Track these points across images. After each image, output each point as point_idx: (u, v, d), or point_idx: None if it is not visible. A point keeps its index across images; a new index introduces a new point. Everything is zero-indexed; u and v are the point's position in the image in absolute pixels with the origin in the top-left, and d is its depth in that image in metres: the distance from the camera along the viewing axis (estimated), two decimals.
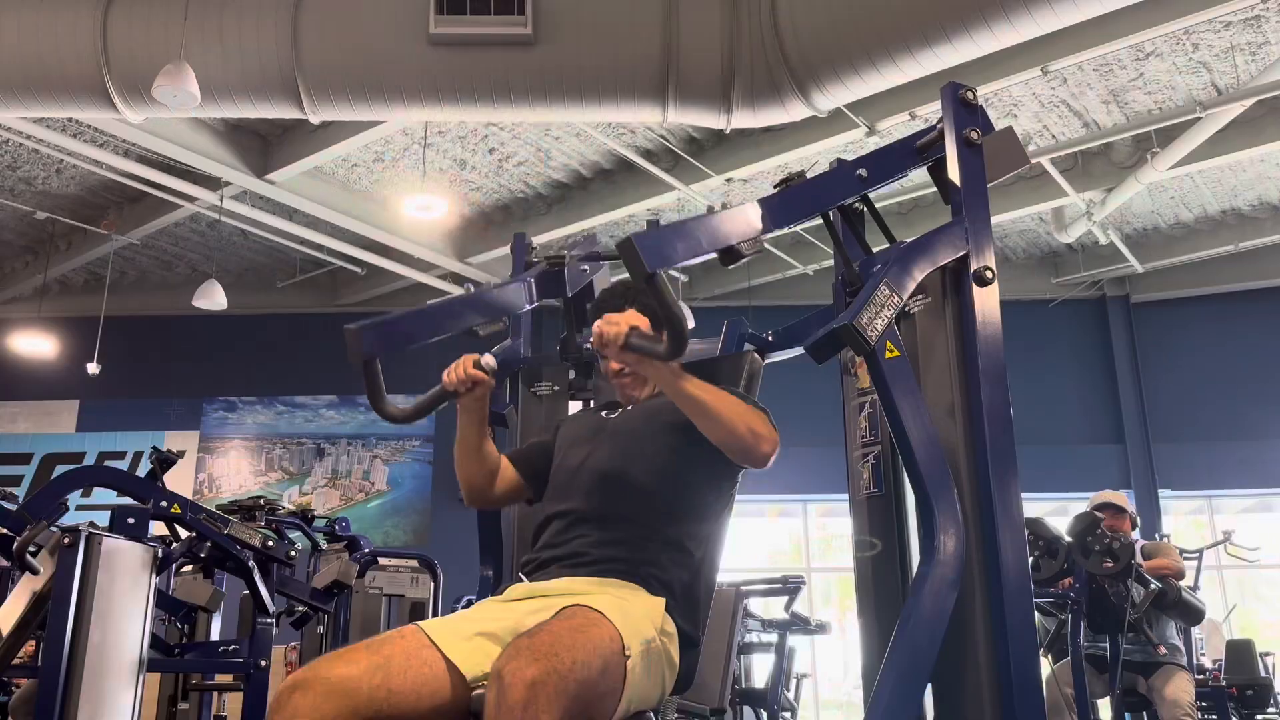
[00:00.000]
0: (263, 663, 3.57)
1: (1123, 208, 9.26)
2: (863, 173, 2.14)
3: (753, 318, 2.60)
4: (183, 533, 3.71)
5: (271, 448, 11.06)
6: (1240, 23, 6.79)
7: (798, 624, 5.08)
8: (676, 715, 3.40)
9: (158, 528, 3.49)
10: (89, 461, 10.72)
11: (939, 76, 5.72)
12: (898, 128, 7.23)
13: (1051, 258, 10.79)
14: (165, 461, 3.69)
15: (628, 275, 1.80)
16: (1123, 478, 10.18)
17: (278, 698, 1.58)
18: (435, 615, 4.81)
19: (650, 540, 1.94)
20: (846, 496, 2.26)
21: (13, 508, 3.22)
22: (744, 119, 6.26)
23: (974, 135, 2.13)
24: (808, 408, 6.05)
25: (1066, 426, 10.43)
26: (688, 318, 2.16)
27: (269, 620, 3.64)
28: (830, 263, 2.57)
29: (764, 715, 4.95)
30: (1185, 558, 5.13)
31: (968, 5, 5.32)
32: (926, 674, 1.79)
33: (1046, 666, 4.49)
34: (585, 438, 2.13)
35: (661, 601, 1.89)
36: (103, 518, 3.27)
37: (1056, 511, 8.71)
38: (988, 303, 2.03)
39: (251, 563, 3.58)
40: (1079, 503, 5.25)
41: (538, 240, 5.29)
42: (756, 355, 2.38)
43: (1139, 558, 4.43)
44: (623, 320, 1.86)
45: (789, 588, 4.94)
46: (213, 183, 8.48)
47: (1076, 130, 8.08)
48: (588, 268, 2.53)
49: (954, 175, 2.12)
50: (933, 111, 6.93)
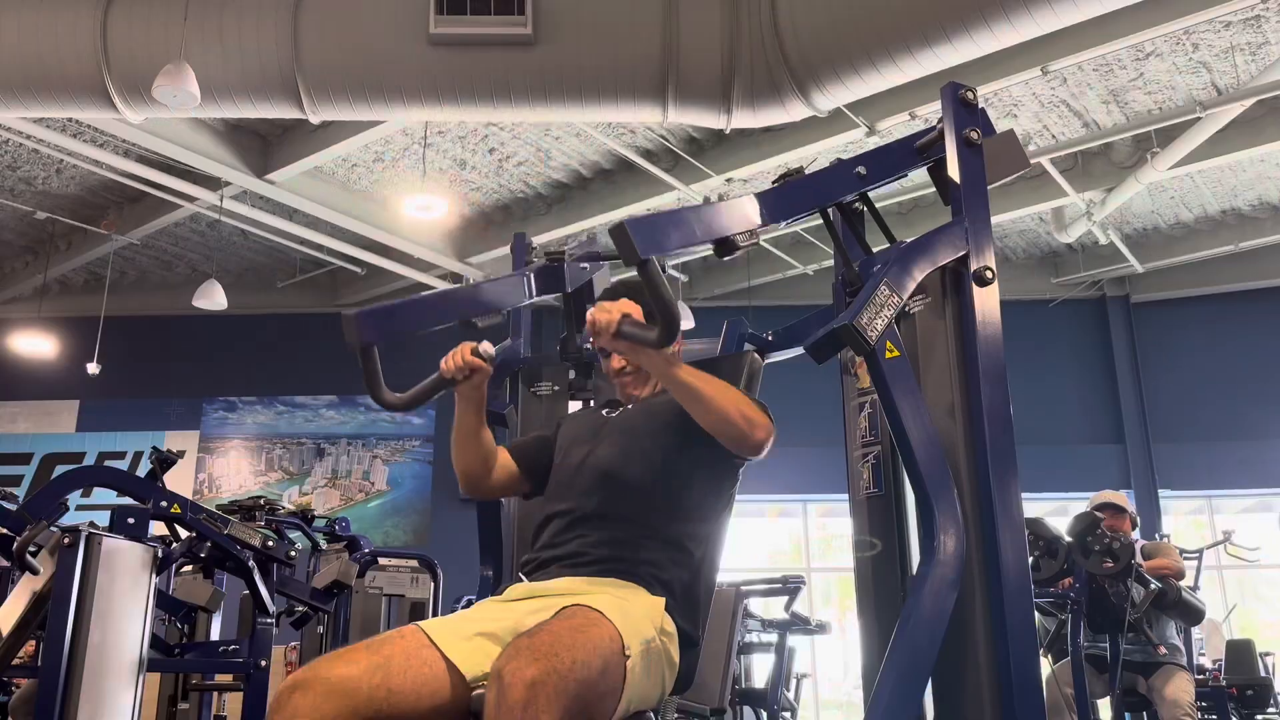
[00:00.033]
0: (263, 663, 3.57)
1: (1123, 208, 9.26)
2: (861, 170, 2.13)
3: (753, 318, 2.60)
4: (183, 533, 3.70)
5: (271, 448, 11.06)
6: (1240, 23, 6.79)
7: (798, 624, 5.08)
8: (676, 715, 3.40)
9: (158, 528, 3.49)
10: (89, 461, 10.72)
11: (939, 76, 5.72)
12: (898, 128, 7.22)
13: (1051, 258, 10.79)
14: (165, 461, 3.69)
15: (628, 275, 1.80)
16: (1123, 478, 10.18)
17: (278, 698, 1.58)
18: (435, 615, 4.81)
19: (650, 540, 1.94)
20: (846, 496, 2.26)
21: (13, 508, 3.22)
22: (744, 119, 6.26)
23: (974, 135, 2.13)
24: (808, 408, 6.06)
25: (1066, 426, 10.43)
26: (687, 317, 2.15)
27: (269, 620, 3.63)
28: (830, 263, 2.57)
29: (764, 715, 4.95)
30: (1185, 558, 5.13)
31: (968, 5, 5.32)
32: (926, 674, 1.79)
33: (1046, 666, 4.49)
34: (585, 437, 2.13)
35: (661, 601, 1.89)
36: (103, 518, 3.27)
37: (1056, 511, 8.71)
38: (988, 303, 2.03)
39: (251, 563, 3.58)
40: (1079, 503, 5.25)
41: (538, 240, 5.28)
42: (756, 355, 2.38)
43: (1139, 558, 4.43)
44: (615, 309, 1.85)
45: (789, 588, 4.94)
46: (213, 183, 8.48)
47: (1076, 130, 8.08)
48: (587, 265, 2.53)
49: (954, 175, 2.12)
50: (933, 111, 6.93)
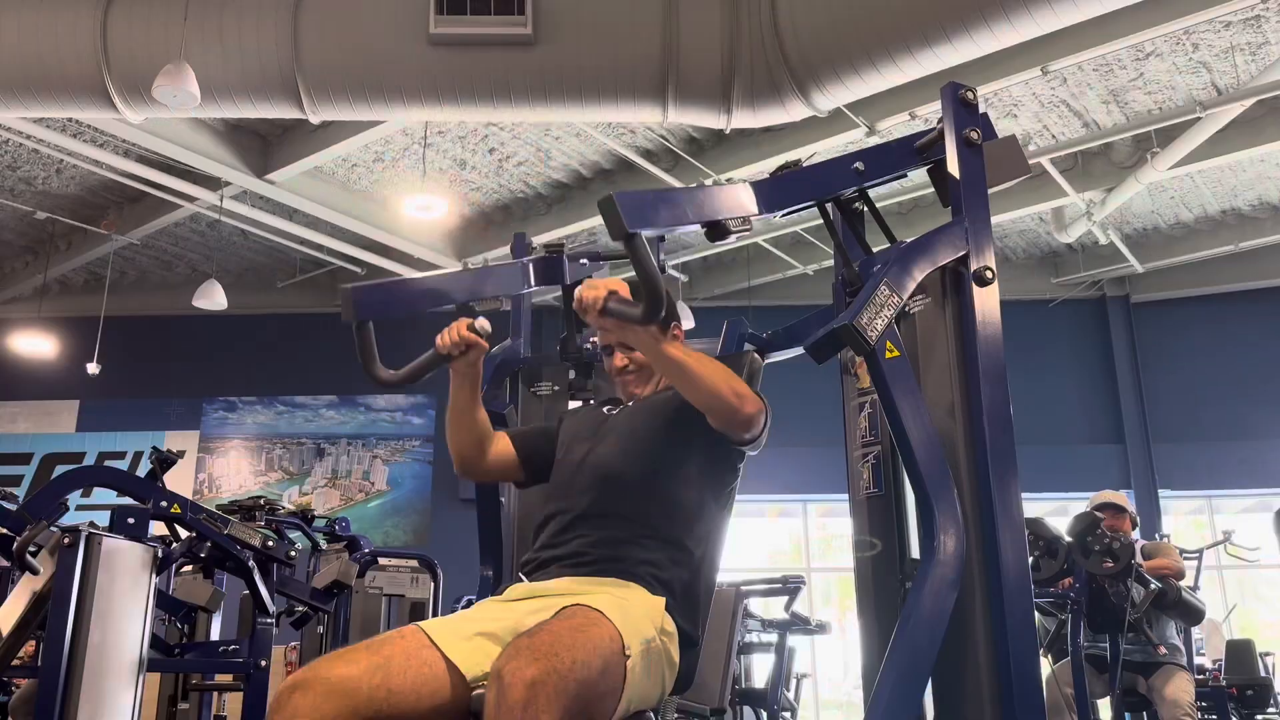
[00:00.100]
0: (263, 663, 3.56)
1: (1123, 208, 9.26)
2: (860, 166, 2.13)
3: (753, 318, 2.60)
4: (183, 533, 3.70)
5: (271, 448, 11.06)
6: (1240, 23, 6.79)
7: (798, 624, 5.08)
8: (676, 715, 3.40)
9: (158, 528, 3.48)
10: (89, 461, 10.71)
11: (939, 76, 5.72)
12: (898, 128, 7.22)
13: (1051, 258, 10.78)
14: (165, 461, 3.68)
15: (631, 274, 1.79)
16: (1123, 478, 10.18)
17: (278, 698, 1.58)
18: (435, 615, 4.81)
19: (650, 539, 1.94)
20: (846, 496, 2.26)
21: (13, 508, 3.22)
22: (744, 119, 6.26)
23: (974, 135, 2.13)
24: (808, 408, 6.06)
25: (1066, 426, 10.43)
26: (687, 317, 2.15)
27: (269, 620, 3.63)
28: (830, 263, 2.57)
29: (764, 715, 4.95)
30: (1185, 558, 5.13)
31: (968, 5, 5.33)
32: (926, 674, 1.79)
33: (1046, 666, 4.49)
34: (586, 435, 2.13)
35: (661, 601, 1.89)
36: (103, 518, 3.27)
37: (1056, 511, 8.71)
38: (988, 303, 2.03)
39: (251, 563, 3.58)
40: (1079, 503, 5.25)
41: (537, 240, 5.28)
42: (756, 355, 2.38)
43: (1139, 558, 4.43)
44: (603, 285, 1.85)
45: (789, 588, 4.93)
46: (213, 183, 8.48)
47: (1076, 130, 8.08)
48: (586, 262, 2.53)
49: (954, 174, 2.12)
50: (933, 111, 6.93)
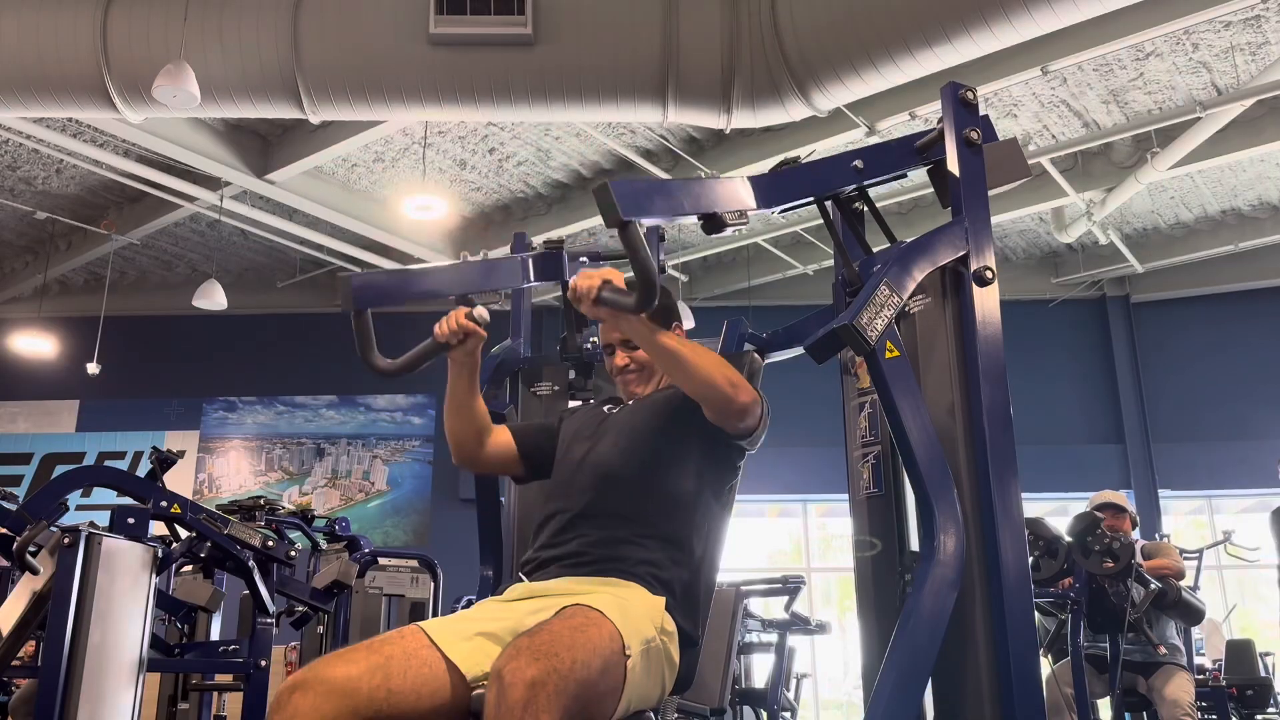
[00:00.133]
0: (263, 663, 3.56)
1: (1123, 208, 9.26)
2: (859, 164, 2.13)
3: (753, 318, 2.60)
4: (183, 533, 3.70)
5: (271, 448, 11.06)
6: (1240, 23, 6.78)
7: (798, 624, 5.08)
8: (676, 715, 3.39)
9: (158, 528, 3.48)
10: (89, 461, 10.71)
11: (939, 76, 5.73)
12: (898, 128, 7.22)
13: (1051, 258, 10.78)
14: (165, 461, 3.68)
15: (632, 273, 1.79)
16: (1123, 478, 10.18)
17: (278, 698, 1.58)
18: (435, 615, 4.81)
19: (650, 539, 1.94)
20: (846, 496, 2.26)
21: (13, 508, 3.22)
22: (744, 119, 6.26)
23: (974, 135, 2.13)
24: (808, 408, 6.07)
25: (1066, 426, 10.43)
26: (687, 317, 2.15)
27: (269, 620, 3.63)
28: (830, 263, 2.57)
29: (764, 715, 4.94)
30: (1185, 558, 5.13)
31: (968, 5, 5.33)
32: (926, 674, 1.79)
33: (1046, 666, 4.49)
34: (586, 434, 2.13)
35: (661, 601, 1.89)
36: (103, 518, 3.27)
37: (1056, 511, 8.72)
38: (988, 303, 2.03)
39: (251, 563, 3.57)
40: (1079, 503, 5.25)
41: (537, 240, 5.28)
42: (756, 355, 2.38)
43: (1139, 558, 4.43)
44: (598, 275, 1.86)
45: (789, 588, 4.93)
46: (213, 183, 8.48)
47: (1076, 130, 8.08)
48: (586, 259, 2.53)
49: (954, 174, 2.12)
50: (933, 111, 6.93)
